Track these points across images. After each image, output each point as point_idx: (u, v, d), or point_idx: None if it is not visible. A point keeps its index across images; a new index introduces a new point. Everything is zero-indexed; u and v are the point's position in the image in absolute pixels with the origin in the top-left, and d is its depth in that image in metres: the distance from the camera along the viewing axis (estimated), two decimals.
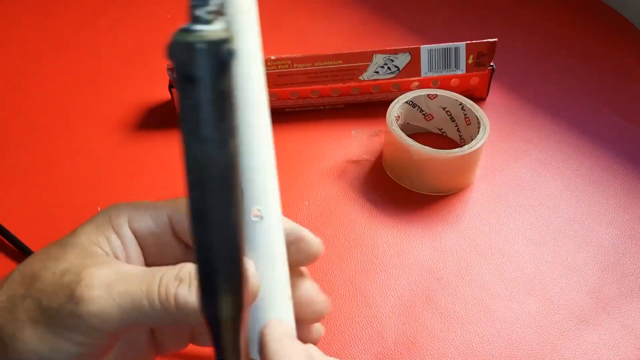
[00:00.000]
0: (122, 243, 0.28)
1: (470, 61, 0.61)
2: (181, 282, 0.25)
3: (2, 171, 0.58)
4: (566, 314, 0.47)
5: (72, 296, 0.24)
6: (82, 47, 0.73)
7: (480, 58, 0.62)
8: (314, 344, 0.28)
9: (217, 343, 0.20)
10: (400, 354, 0.44)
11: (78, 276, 0.25)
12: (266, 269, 0.27)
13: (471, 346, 0.45)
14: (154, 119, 0.63)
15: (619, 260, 0.51)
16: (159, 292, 0.25)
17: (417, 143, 0.53)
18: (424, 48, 0.61)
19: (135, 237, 0.29)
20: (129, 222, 0.29)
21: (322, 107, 0.64)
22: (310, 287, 0.30)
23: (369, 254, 0.51)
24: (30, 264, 0.27)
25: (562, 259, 0.51)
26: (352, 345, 0.45)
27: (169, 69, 0.59)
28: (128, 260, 0.28)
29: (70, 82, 0.68)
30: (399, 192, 0.56)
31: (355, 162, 0.59)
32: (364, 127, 0.60)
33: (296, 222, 0.30)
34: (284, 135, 0.61)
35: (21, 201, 0.54)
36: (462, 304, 0.47)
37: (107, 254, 0.27)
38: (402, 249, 0.51)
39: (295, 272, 0.30)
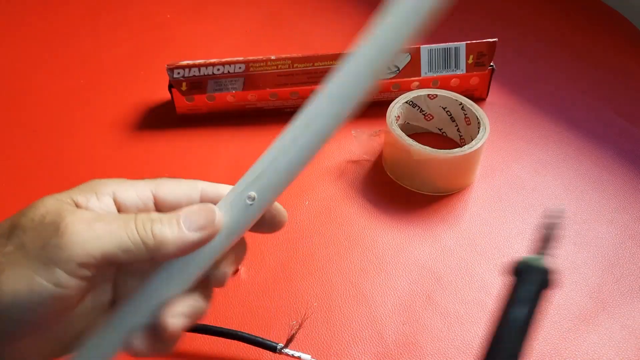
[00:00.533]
0: (100, 208, 0.29)
1: (470, 61, 0.61)
2: (154, 221, 0.27)
3: (3, 171, 0.58)
4: (566, 314, 0.47)
5: (56, 230, 0.25)
6: (82, 48, 0.73)
7: (480, 58, 0.62)
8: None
9: None
10: (400, 354, 0.44)
11: (59, 216, 0.26)
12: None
13: (471, 346, 0.45)
14: (154, 119, 0.63)
15: (619, 260, 0.51)
16: (137, 228, 0.27)
17: (417, 143, 0.53)
18: (424, 48, 0.61)
19: (119, 209, 0.29)
20: (114, 194, 0.29)
21: None
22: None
23: (369, 254, 0.51)
24: (5, 220, 0.28)
25: (562, 259, 0.51)
26: (352, 345, 0.45)
27: (169, 69, 0.59)
28: None
29: (70, 82, 0.68)
30: (399, 192, 0.56)
31: (355, 162, 0.59)
32: (364, 127, 0.60)
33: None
34: None
35: (22, 201, 0.54)
36: (462, 304, 0.47)
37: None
38: (402, 249, 0.51)
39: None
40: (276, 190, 0.29)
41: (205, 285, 0.30)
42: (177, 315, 0.28)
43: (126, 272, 0.30)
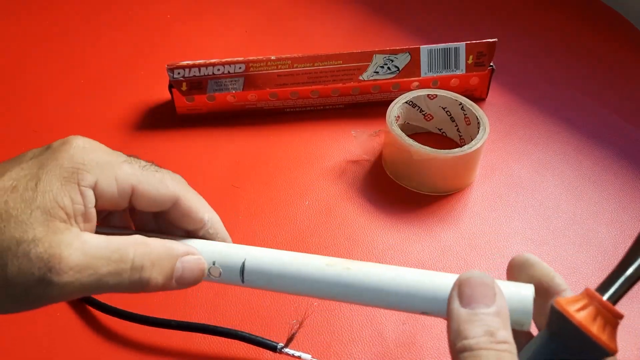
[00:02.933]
0: (85, 206, 0.29)
1: (470, 61, 0.62)
2: (153, 267, 0.28)
3: None
4: None
5: (42, 280, 0.26)
6: (82, 48, 0.73)
7: (480, 58, 0.62)
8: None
9: None
10: (400, 354, 0.44)
11: (48, 256, 0.26)
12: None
13: None
14: (154, 119, 0.63)
15: (618, 260, 0.50)
16: (130, 276, 0.28)
17: (417, 143, 0.53)
18: (424, 48, 0.61)
19: (96, 199, 0.29)
20: (96, 184, 0.29)
21: (322, 107, 0.64)
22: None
23: (369, 254, 0.51)
24: None
25: (562, 259, 0.51)
26: (352, 345, 0.45)
27: (169, 69, 0.59)
28: (85, 221, 0.29)
29: (70, 83, 0.68)
30: (399, 192, 0.56)
31: (355, 162, 0.59)
32: (364, 127, 0.60)
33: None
34: (284, 136, 0.62)
35: None
36: None
37: (68, 217, 0.28)
38: (402, 248, 0.51)
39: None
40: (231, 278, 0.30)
41: None
42: None
43: None
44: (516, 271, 0.27)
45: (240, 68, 0.60)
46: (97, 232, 0.29)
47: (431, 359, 0.44)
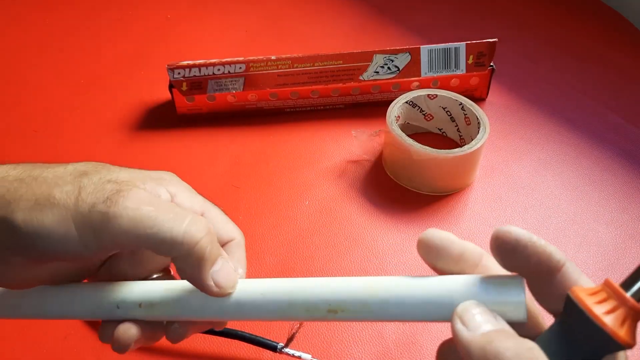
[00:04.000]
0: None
1: (470, 61, 0.62)
2: (207, 234, 0.27)
3: None
4: None
5: (107, 199, 0.26)
6: (82, 48, 0.73)
7: (480, 58, 0.62)
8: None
9: None
10: (400, 354, 0.44)
11: (119, 187, 0.27)
12: None
13: None
14: (154, 119, 0.63)
15: (619, 260, 0.51)
16: (185, 228, 0.27)
17: (417, 143, 0.53)
18: (424, 48, 0.61)
19: None
20: (175, 195, 0.30)
21: (322, 107, 0.64)
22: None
23: (369, 254, 0.51)
24: (85, 165, 0.29)
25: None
26: (352, 345, 0.45)
27: (169, 69, 0.59)
28: None
29: (70, 82, 0.68)
30: (399, 192, 0.56)
31: (355, 162, 0.59)
32: (364, 127, 0.60)
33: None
34: (284, 135, 0.62)
35: None
36: None
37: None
38: (402, 248, 0.51)
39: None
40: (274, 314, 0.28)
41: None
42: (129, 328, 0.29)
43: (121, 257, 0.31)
44: (509, 255, 0.27)
45: (240, 68, 0.60)
46: None
47: (431, 359, 0.44)
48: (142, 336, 0.30)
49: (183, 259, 0.27)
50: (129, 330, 0.29)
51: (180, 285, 0.29)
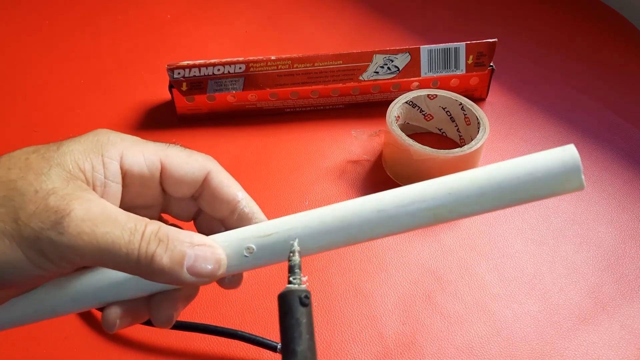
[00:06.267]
0: (105, 176, 0.28)
1: (470, 61, 0.62)
2: (160, 243, 0.26)
3: None
4: (566, 314, 0.47)
5: (57, 224, 0.24)
6: (82, 48, 0.73)
7: (480, 58, 0.62)
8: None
9: None
10: (400, 354, 0.44)
11: (65, 204, 0.25)
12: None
13: (471, 346, 0.45)
14: (154, 119, 0.63)
15: (618, 260, 0.51)
16: (139, 246, 0.26)
17: (417, 143, 0.53)
18: (424, 48, 0.61)
19: (123, 176, 0.29)
20: (121, 158, 0.29)
21: (322, 107, 0.64)
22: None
23: (369, 254, 0.51)
24: (7, 167, 0.26)
25: (562, 259, 0.51)
26: (352, 345, 0.45)
27: (169, 69, 0.59)
28: (104, 195, 0.28)
29: (70, 82, 0.68)
30: None
31: (355, 162, 0.59)
32: (364, 127, 0.60)
33: None
34: (284, 135, 0.62)
35: None
36: (462, 304, 0.47)
37: (87, 182, 0.27)
38: (402, 249, 0.51)
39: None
40: (277, 255, 0.28)
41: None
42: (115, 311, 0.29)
43: None
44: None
45: (240, 68, 0.60)
46: None
47: (431, 359, 0.44)
48: (126, 314, 0.29)
49: (149, 275, 0.26)
50: (112, 312, 0.29)
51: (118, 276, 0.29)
